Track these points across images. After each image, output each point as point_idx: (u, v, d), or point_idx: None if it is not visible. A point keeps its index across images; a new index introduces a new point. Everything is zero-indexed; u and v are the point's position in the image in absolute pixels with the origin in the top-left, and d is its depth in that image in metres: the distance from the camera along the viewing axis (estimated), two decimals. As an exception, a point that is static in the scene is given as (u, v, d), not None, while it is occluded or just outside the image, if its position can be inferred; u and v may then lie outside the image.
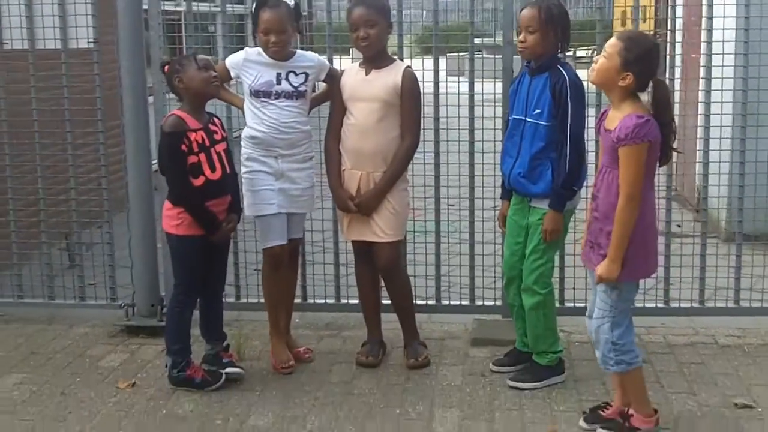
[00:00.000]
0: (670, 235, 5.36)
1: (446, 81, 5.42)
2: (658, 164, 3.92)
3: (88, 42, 5.57)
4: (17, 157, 5.84)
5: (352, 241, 4.94)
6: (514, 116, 4.53)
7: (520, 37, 4.44)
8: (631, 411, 4.03)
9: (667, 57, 5.40)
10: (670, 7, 5.72)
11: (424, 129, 4.90)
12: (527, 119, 4.42)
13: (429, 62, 5.45)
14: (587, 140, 4.42)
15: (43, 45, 5.63)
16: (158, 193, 5.26)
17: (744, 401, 4.38)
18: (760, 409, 4.31)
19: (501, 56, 5.21)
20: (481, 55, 6.67)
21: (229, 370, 4.69)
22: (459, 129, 5.37)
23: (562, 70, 4.37)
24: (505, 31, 5.16)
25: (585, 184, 4.42)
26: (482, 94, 5.44)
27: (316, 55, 4.97)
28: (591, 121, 4.59)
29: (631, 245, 3.82)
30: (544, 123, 4.35)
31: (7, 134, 5.72)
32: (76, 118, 5.70)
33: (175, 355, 4.62)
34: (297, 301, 5.29)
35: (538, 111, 4.37)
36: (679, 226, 5.83)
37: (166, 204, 4.58)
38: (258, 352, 5.08)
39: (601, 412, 4.12)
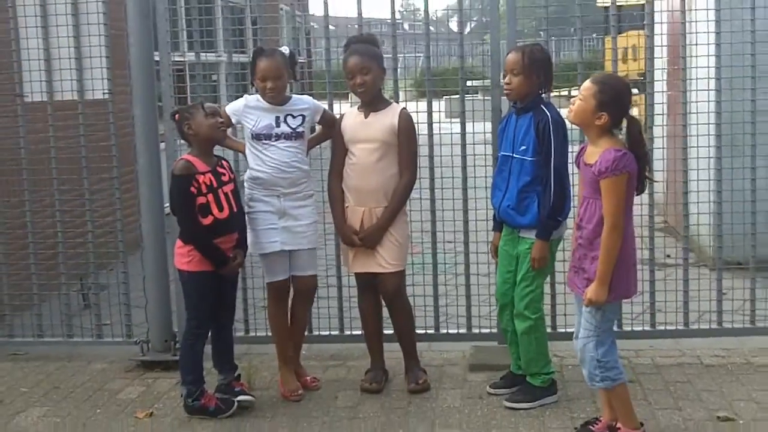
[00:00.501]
0: (654, 262, 5.64)
1: (439, 122, 5.74)
2: (635, 193, 4.23)
3: (103, 93, 5.88)
4: (37, 202, 6.15)
5: (356, 274, 5.23)
6: (502, 153, 4.86)
7: (506, 80, 4.78)
8: (618, 425, 4.31)
9: (648, 95, 5.76)
10: (647, 48, 6.03)
11: (420, 167, 5.22)
12: (514, 155, 4.74)
13: (424, 104, 5.78)
14: (571, 174, 4.74)
15: (61, 96, 5.96)
16: (170, 236, 5.57)
17: (727, 415, 4.65)
18: (741, 421, 4.58)
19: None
20: (473, 98, 6.98)
21: (241, 398, 4.97)
22: (452, 167, 5.68)
23: (545, 110, 4.71)
24: (493, 73, 5.49)
25: (570, 214, 4.73)
26: (473, 133, 5.73)
27: (311, 98, 5.31)
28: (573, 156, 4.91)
29: (614, 270, 4.12)
30: (530, 159, 4.68)
31: (28, 181, 6.03)
32: (92, 164, 6.01)
33: (189, 385, 4.90)
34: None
35: (523, 147, 4.69)
36: (668, 256, 6.13)
37: (177, 242, 4.90)
38: (267, 382, 5.36)
39: (591, 427, 4.40)
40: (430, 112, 5.66)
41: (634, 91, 5.96)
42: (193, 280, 4.84)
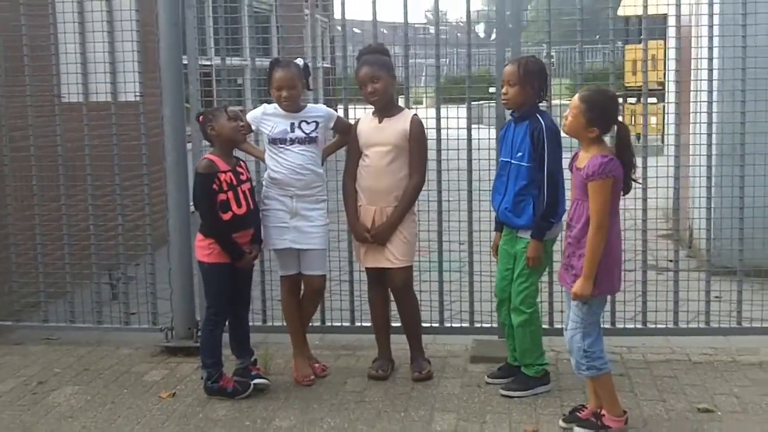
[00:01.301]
0: (646, 264, 5.97)
1: (457, 128, 6.08)
2: (622, 194, 4.58)
3: (135, 95, 6.28)
4: (72, 197, 6.55)
5: (367, 268, 5.59)
6: (502, 158, 5.22)
7: (503, 90, 5.14)
8: (603, 412, 4.67)
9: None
10: (653, 61, 6.34)
11: (428, 170, 5.59)
12: (512, 161, 5.10)
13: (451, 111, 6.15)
14: (565, 179, 5.08)
15: (96, 98, 6.36)
16: (194, 232, 5.90)
17: (707, 407, 4.98)
18: (719, 413, 4.91)
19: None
20: (488, 104, 7.25)
21: (256, 381, 5.36)
22: (459, 170, 6.03)
23: (540, 118, 5.07)
24: (497, 83, 5.84)
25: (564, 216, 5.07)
26: (489, 139, 6.04)
27: (324, 106, 5.70)
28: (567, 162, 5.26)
29: (599, 267, 4.48)
30: (525, 164, 5.03)
31: (63, 177, 6.44)
32: (123, 162, 6.41)
33: (209, 368, 5.30)
34: (317, 324, 6.00)
35: (520, 154, 5.05)
36: (671, 261, 6.45)
37: (198, 236, 5.30)
38: (282, 368, 5.74)
39: (578, 413, 4.76)
40: (438, 118, 6.01)
41: (652, 100, 6.31)
42: (212, 271, 5.24)
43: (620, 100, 5.31)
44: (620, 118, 4.75)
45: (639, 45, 6.11)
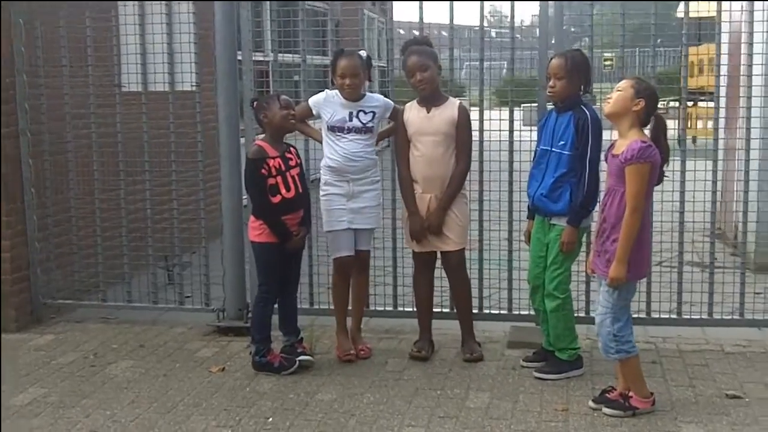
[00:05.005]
0: (681, 256, 6.14)
1: (513, 130, 6.29)
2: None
3: (192, 85, 6.58)
4: (130, 185, 6.86)
5: (417, 253, 5.80)
6: (541, 147, 5.39)
7: (550, 83, 5.30)
8: (630, 393, 4.85)
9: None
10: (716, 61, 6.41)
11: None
12: (553, 149, 5.28)
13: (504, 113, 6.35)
14: (600, 171, 5.25)
15: (154, 87, 6.67)
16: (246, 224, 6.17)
17: (735, 393, 5.12)
18: (747, 399, 5.05)
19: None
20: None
21: (302, 358, 5.63)
22: (500, 171, 6.22)
23: (585, 109, 5.24)
24: (541, 77, 6.02)
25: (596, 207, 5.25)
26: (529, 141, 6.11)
27: (382, 96, 5.94)
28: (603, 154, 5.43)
29: (631, 251, 4.65)
30: (567, 153, 5.21)
31: (123, 163, 6.76)
32: (180, 150, 6.70)
33: (258, 343, 5.58)
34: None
35: (562, 142, 5.22)
36: (716, 259, 6.58)
37: (250, 218, 5.58)
38: (327, 348, 5.99)
39: (607, 395, 4.94)
40: (481, 120, 6.16)
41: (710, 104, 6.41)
42: (263, 250, 5.52)
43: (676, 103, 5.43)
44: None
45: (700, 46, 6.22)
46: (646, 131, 4.73)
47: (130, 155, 6.81)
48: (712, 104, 6.27)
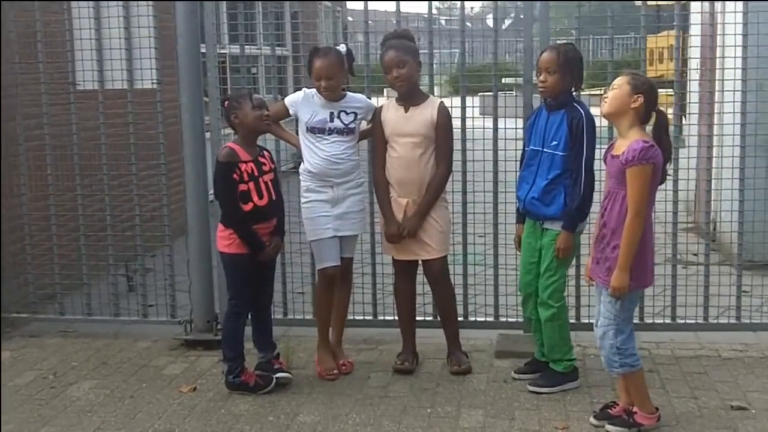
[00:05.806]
0: (676, 258, 5.86)
1: (472, 117, 5.97)
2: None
3: (152, 82, 6.17)
4: (87, 187, 6.46)
5: (397, 260, 5.47)
6: (531, 147, 5.08)
7: (541, 78, 4.98)
8: (635, 409, 4.56)
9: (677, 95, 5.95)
10: (675, 48, 6.16)
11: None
12: (544, 150, 4.96)
13: (458, 101, 6.00)
14: (597, 170, 4.96)
15: (111, 85, 6.25)
16: (213, 222, 5.82)
17: (740, 404, 4.87)
18: (753, 411, 4.80)
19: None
20: (506, 94, 7.15)
21: (279, 375, 5.26)
22: (484, 161, 5.91)
23: (579, 107, 4.94)
24: (526, 71, 5.71)
25: (593, 209, 4.95)
26: (504, 128, 5.92)
27: (365, 97, 5.58)
28: (599, 154, 5.13)
29: (634, 258, 4.35)
30: (560, 153, 4.90)
31: (79, 166, 6.34)
32: (140, 152, 6.29)
33: (230, 362, 5.19)
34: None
35: (555, 143, 4.92)
36: (695, 254, 6.34)
37: (219, 226, 5.19)
38: (304, 362, 5.64)
39: (609, 411, 4.65)
40: (463, 107, 5.88)
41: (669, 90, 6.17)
42: (233, 262, 5.13)
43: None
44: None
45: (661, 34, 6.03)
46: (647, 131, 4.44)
47: (86, 156, 6.41)
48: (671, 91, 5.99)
